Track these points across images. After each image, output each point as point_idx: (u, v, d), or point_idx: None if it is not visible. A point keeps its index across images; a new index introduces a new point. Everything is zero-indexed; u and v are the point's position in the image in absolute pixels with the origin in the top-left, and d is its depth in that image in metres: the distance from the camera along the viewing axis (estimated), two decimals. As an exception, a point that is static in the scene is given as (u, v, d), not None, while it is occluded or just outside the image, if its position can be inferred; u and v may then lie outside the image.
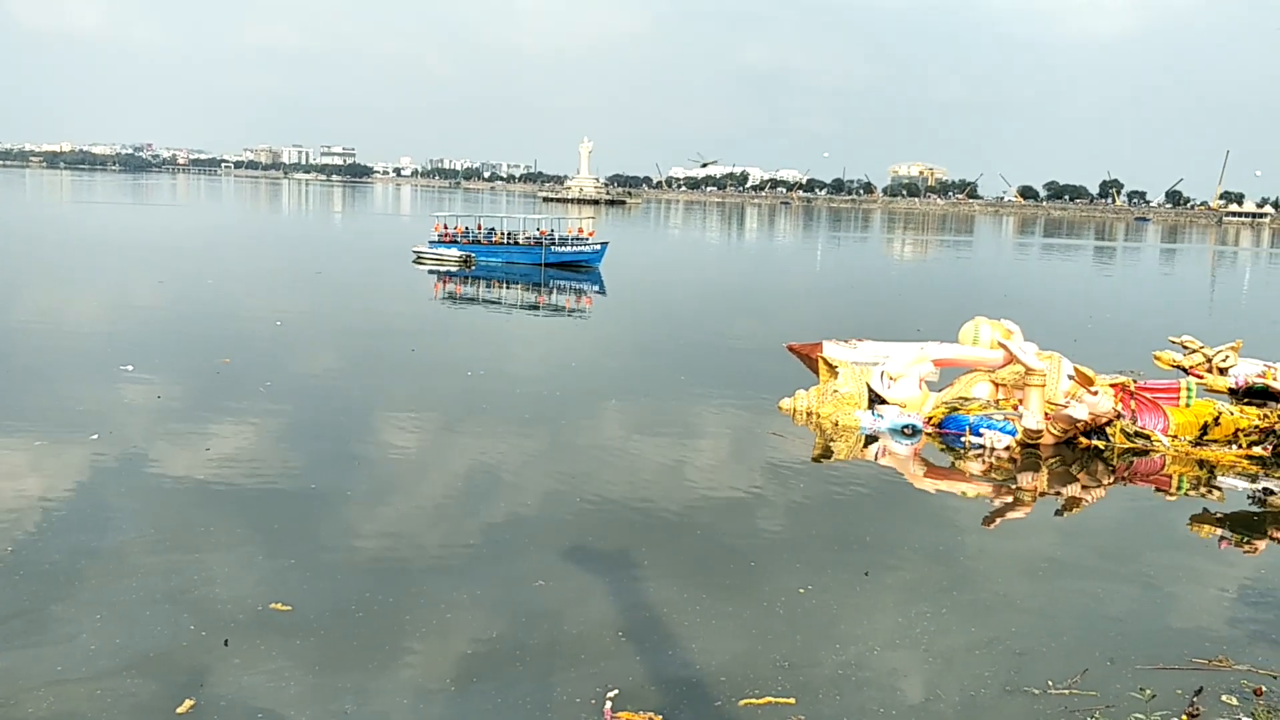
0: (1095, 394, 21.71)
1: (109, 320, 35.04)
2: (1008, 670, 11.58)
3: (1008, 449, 21.32)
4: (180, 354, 28.45)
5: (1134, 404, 22.49)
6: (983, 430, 21.68)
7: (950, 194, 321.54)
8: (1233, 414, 22.00)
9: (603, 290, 52.19)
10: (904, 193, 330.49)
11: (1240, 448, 21.62)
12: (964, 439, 21.83)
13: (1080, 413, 21.31)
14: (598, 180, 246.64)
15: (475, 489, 17.66)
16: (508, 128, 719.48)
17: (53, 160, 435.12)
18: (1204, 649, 12.28)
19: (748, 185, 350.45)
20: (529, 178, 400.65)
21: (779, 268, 76.52)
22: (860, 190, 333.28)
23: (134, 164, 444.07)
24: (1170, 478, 20.60)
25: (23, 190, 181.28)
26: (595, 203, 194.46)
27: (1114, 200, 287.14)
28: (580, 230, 64.28)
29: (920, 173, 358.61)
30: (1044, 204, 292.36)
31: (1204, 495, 19.66)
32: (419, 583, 13.38)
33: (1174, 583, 14.77)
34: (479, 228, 64.03)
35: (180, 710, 10.08)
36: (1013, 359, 22.60)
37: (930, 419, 22.67)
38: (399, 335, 33.47)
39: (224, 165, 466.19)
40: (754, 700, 10.60)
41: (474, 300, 47.91)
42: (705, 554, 14.97)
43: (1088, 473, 20.59)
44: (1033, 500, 19.29)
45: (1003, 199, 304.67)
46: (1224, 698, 11.01)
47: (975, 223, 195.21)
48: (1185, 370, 22.85)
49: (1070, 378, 22.52)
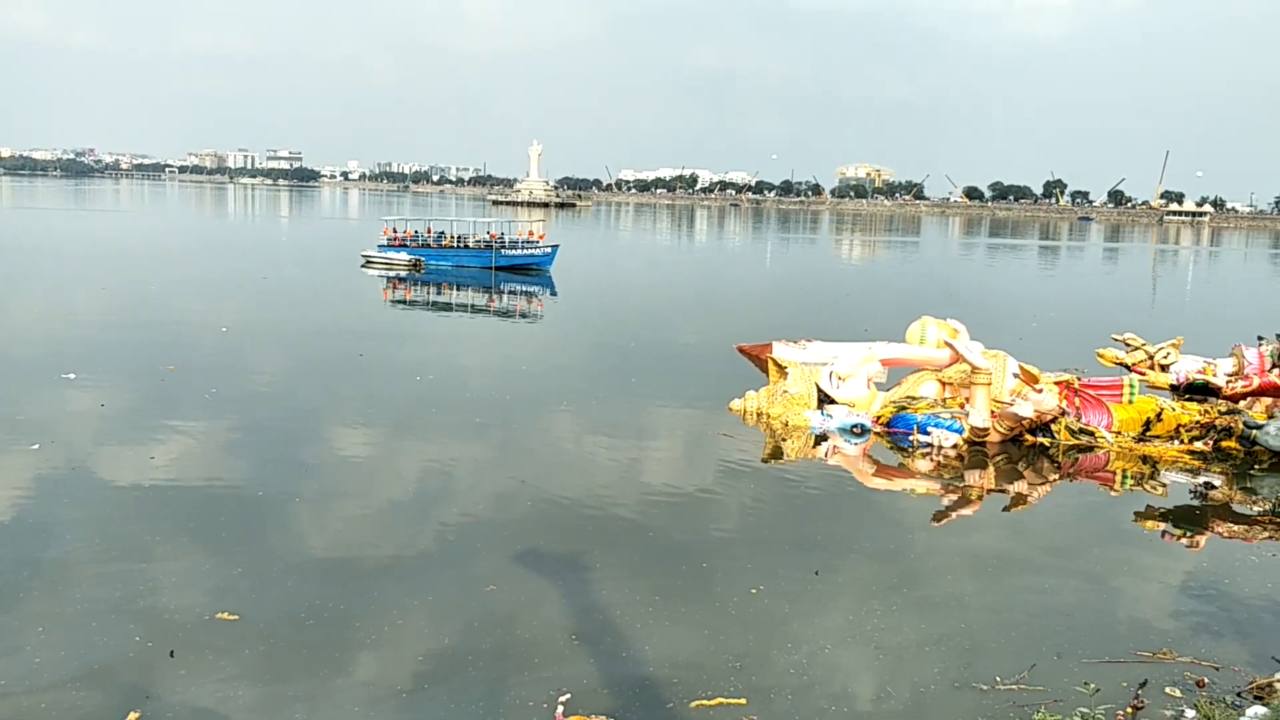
0: (1040, 392, 22.00)
1: (50, 327, 34.42)
2: (957, 666, 11.71)
3: (955, 447, 21.56)
4: (124, 361, 28.04)
5: (1078, 401, 22.83)
6: (930, 429, 21.91)
7: (897, 195, 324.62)
8: (1174, 410, 22.40)
9: (554, 293, 52.12)
10: (852, 194, 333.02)
11: (1182, 443, 22.01)
12: (912, 438, 22.04)
13: (1026, 410, 21.60)
14: (547, 183, 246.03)
15: (425, 494, 17.56)
16: (456, 131, 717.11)
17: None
18: (1148, 642, 12.49)
19: (697, 187, 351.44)
20: (478, 181, 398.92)
21: (729, 269, 76.82)
22: (809, 192, 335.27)
23: (76, 169, 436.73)
24: (1114, 474, 20.94)
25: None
26: (545, 205, 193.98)
27: (1058, 200, 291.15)
28: (531, 233, 64.10)
29: (867, 174, 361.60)
30: (989, 204, 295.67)
31: (1147, 490, 20.00)
32: (369, 589, 13.28)
33: (1119, 577, 15.01)
34: (429, 231, 63.64)
35: (126, 723, 9.94)
36: (959, 358, 22.86)
37: (879, 418, 22.87)
38: (347, 340, 33.20)
39: (168, 170, 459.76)
40: (705, 702, 10.63)
41: (424, 304, 47.63)
42: (657, 556, 15.00)
43: (1034, 470, 20.87)
44: (980, 498, 19.52)
45: (948, 200, 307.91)
46: (1168, 690, 11.21)
47: (922, 223, 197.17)
48: (1128, 367, 23.22)
49: (1015, 376, 22.79)
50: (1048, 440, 21.97)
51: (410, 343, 34.41)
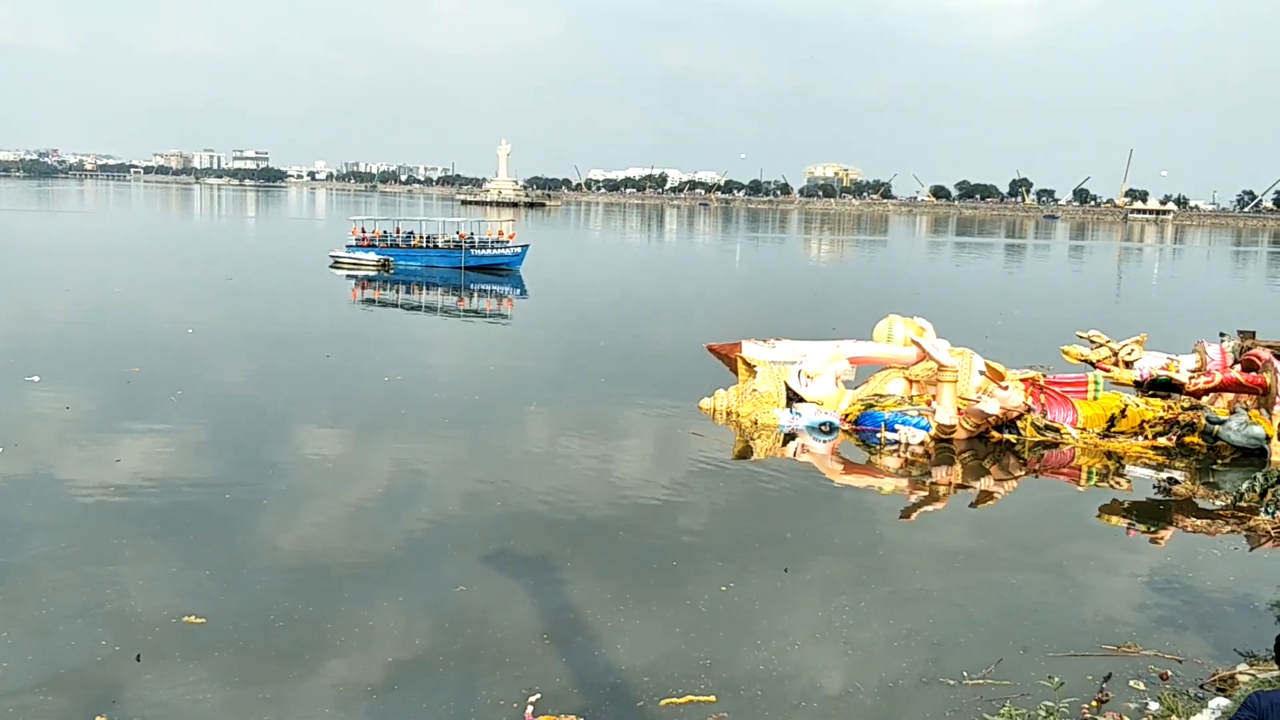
0: (1006, 389, 22.20)
1: (13, 330, 34.03)
2: (925, 661, 11.81)
3: (922, 444, 21.72)
4: (89, 364, 27.78)
5: (1044, 398, 23.05)
6: (898, 426, 22.06)
7: (865, 194, 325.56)
8: (1138, 406, 22.66)
9: (524, 293, 52.05)
10: (820, 193, 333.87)
11: (1146, 439, 22.27)
12: (879, 435, 22.18)
13: (992, 407, 21.79)
14: (516, 182, 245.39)
15: (394, 495, 17.51)
16: (424, 130, 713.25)
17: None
18: (1114, 635, 12.65)
19: (667, 187, 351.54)
20: (446, 180, 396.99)
21: (698, 269, 76.93)
22: (777, 191, 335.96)
23: (39, 170, 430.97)
24: (1080, 469, 21.17)
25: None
26: (514, 205, 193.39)
27: (1023, 199, 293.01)
28: (500, 233, 63.95)
29: (835, 174, 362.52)
30: (956, 203, 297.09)
31: (1112, 485, 20.23)
32: (339, 591, 13.25)
33: (1084, 571, 15.18)
34: (397, 231, 63.40)
35: (93, 727, 9.88)
36: (926, 356, 23.03)
37: (847, 416, 23.00)
38: (315, 342, 33.03)
39: (133, 170, 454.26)
40: (675, 700, 10.67)
41: (393, 305, 47.45)
42: (628, 555, 15.03)
43: (1000, 466, 21.06)
44: (947, 494, 19.68)
45: (916, 199, 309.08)
46: (1132, 683, 11.34)
47: (889, 222, 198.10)
48: (1093, 364, 23.48)
49: (981, 373, 22.99)
50: (1014, 437, 22.18)
51: (379, 343, 34.28)
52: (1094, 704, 10.78)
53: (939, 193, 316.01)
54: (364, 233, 62.22)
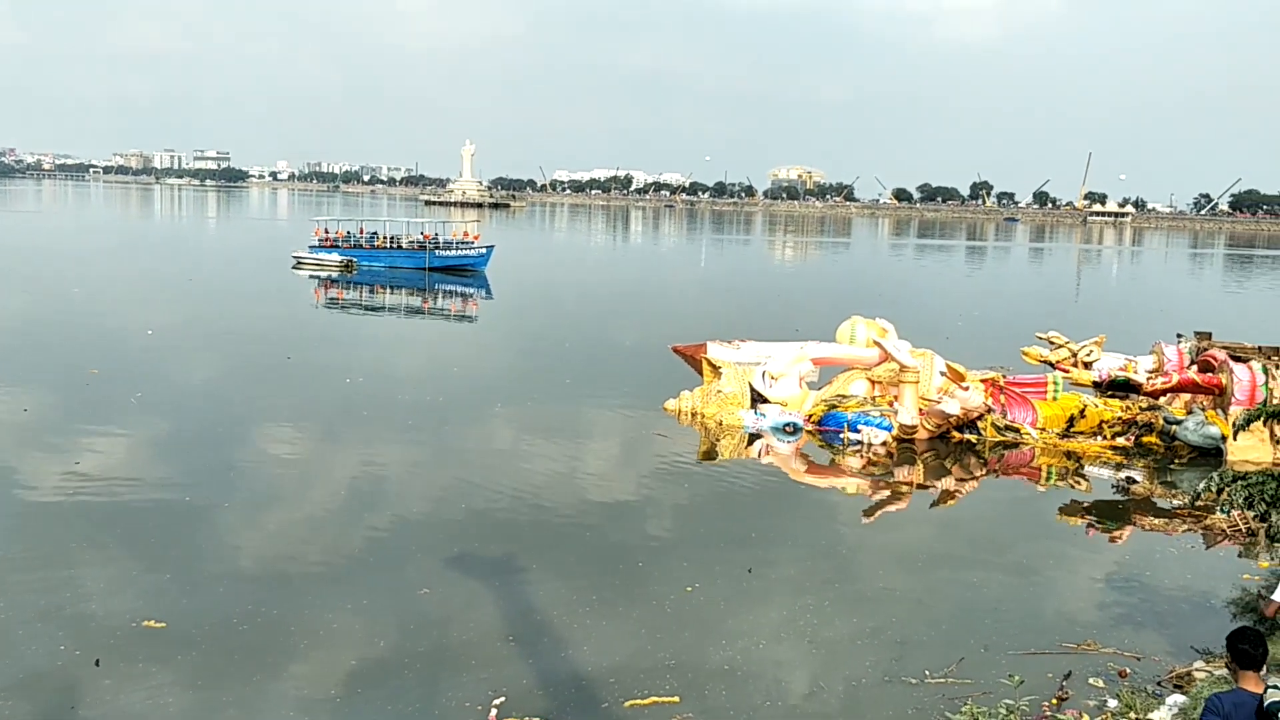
0: (967, 389, 22.40)
1: (-32, 331, 33.53)
2: (888, 660, 11.90)
3: (884, 444, 21.86)
4: (46, 365, 27.42)
5: (1004, 398, 23.27)
6: (860, 427, 22.19)
7: (828, 196, 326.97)
8: (1097, 406, 22.93)
9: (489, 294, 51.92)
10: (784, 195, 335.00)
11: (1105, 439, 22.54)
12: (843, 436, 22.31)
13: (953, 408, 21.98)
14: (481, 183, 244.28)
15: (357, 497, 17.43)
16: (387, 131, 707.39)
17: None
18: (1074, 633, 12.79)
19: (632, 188, 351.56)
20: (410, 181, 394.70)
21: (663, 270, 77.07)
22: (742, 193, 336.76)
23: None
24: (1040, 469, 21.39)
25: None
26: (479, 206, 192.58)
27: (984, 201, 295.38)
28: (465, 234, 63.73)
29: (799, 176, 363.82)
30: (918, 206, 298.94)
31: (1072, 485, 20.46)
32: (302, 594, 13.17)
33: (1045, 570, 15.35)
34: (361, 232, 63.02)
35: (52, 734, 9.77)
36: (888, 357, 23.20)
37: (810, 417, 23.12)
38: (276, 343, 32.80)
39: (93, 170, 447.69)
40: (639, 701, 10.68)
41: (356, 306, 47.21)
42: (593, 556, 15.04)
43: (961, 466, 21.25)
44: (909, 494, 19.82)
45: (878, 201, 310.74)
46: (1091, 680, 11.48)
47: (852, 224, 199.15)
48: (1052, 365, 23.73)
49: (943, 374, 23.19)
50: (975, 437, 22.38)
51: (342, 345, 34.11)
52: (1054, 701, 10.90)
53: (901, 195, 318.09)
54: (327, 233, 61.82)
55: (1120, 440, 22.47)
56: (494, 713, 10.31)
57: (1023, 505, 19.35)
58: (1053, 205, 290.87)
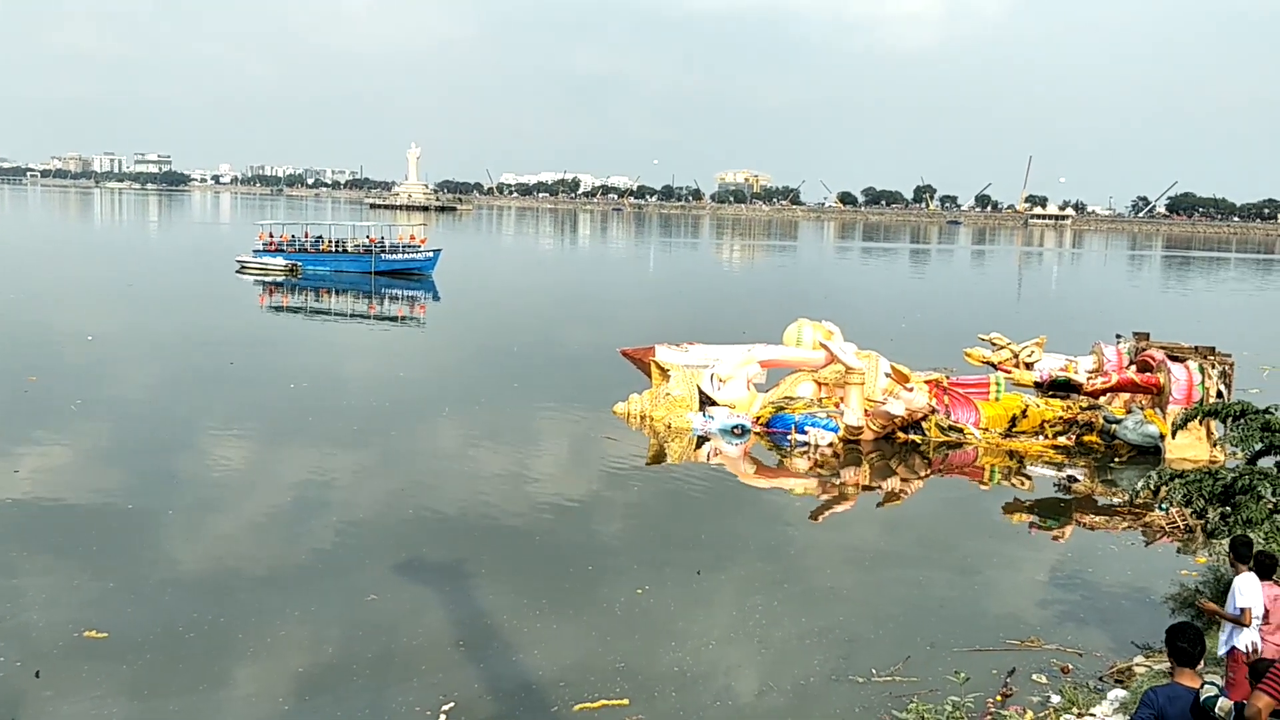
0: (911, 390, 22.65)
1: (-100, 338, 32.75)
2: (836, 659, 12.01)
3: (831, 445, 22.03)
4: (-18, 372, 26.84)
5: (947, 399, 23.55)
6: (807, 428, 22.35)
7: (775, 200, 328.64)
8: (1039, 406, 23.28)
9: (436, 298, 51.64)
10: (731, 199, 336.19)
11: (1047, 438, 22.89)
12: (790, 437, 22.46)
13: (897, 409, 22.22)
14: (427, 186, 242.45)
15: (303, 504, 17.26)
16: (332, 133, 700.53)
17: None
18: (1017, 630, 12.99)
19: (580, 191, 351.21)
20: (355, 184, 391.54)
21: (612, 273, 77.09)
22: (689, 197, 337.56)
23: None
24: (983, 469, 21.69)
25: None
26: (425, 209, 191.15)
27: (928, 205, 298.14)
28: (412, 237, 63.29)
29: (746, 179, 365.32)
30: (862, 209, 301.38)
31: (1014, 484, 20.76)
32: (248, 601, 13.02)
33: (989, 568, 15.57)
34: (306, 236, 62.40)
35: (-10, 747, 9.59)
36: (834, 359, 23.39)
37: (758, 419, 23.25)
38: (219, 348, 32.35)
39: (30, 174, 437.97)
40: (589, 704, 10.69)
41: (302, 310, 46.73)
42: (543, 560, 15.01)
43: (906, 466, 21.48)
44: (856, 494, 20.01)
45: (824, 205, 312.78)
46: (1034, 677, 11.67)
47: (799, 228, 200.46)
48: (994, 366, 24.05)
49: (887, 375, 23.41)
50: (919, 437, 22.63)
51: (286, 350, 33.76)
52: (998, 698, 11.06)
53: (846, 199, 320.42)
54: (272, 237, 61.10)
55: (1061, 439, 22.83)
56: (443, 718, 10.27)
57: (967, 504, 19.60)
58: (994, 208, 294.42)
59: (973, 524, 18.18)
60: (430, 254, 59.79)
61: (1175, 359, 22.82)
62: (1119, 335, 25.29)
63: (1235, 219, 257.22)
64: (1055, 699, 10.94)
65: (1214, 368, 22.36)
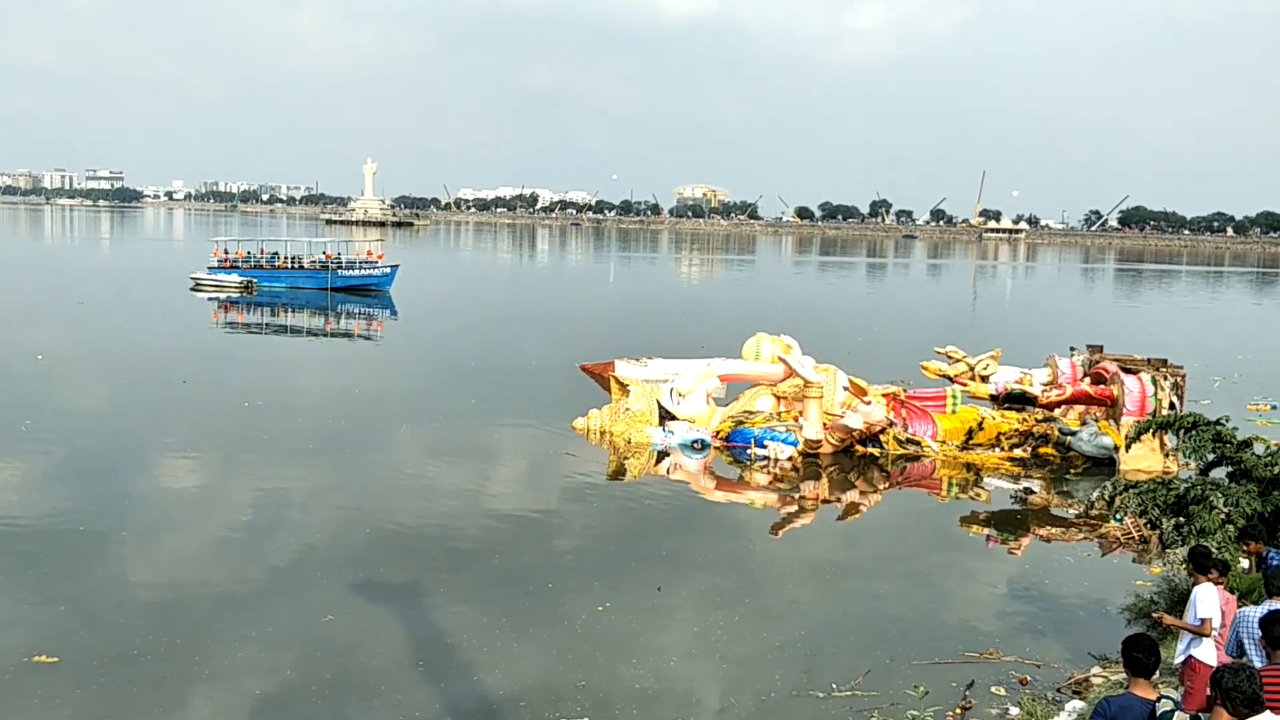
0: (869, 404, 22.78)
1: None
2: (797, 674, 12.01)
3: (790, 459, 22.11)
4: (-72, 393, 26.34)
5: (905, 412, 23.70)
6: (767, 442, 22.42)
7: (732, 215, 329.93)
8: (995, 419, 23.49)
9: (394, 314, 51.35)
10: (689, 214, 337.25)
11: (1003, 450, 23.09)
12: (750, 451, 22.51)
13: (855, 422, 22.34)
14: (383, 202, 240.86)
15: (258, 524, 17.05)
16: (287, 149, 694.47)
17: None
18: (976, 642, 13.06)
19: (538, 207, 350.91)
20: (310, 200, 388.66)
21: (571, 288, 77.00)
22: (648, 212, 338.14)
23: None
24: (941, 481, 21.84)
25: None
26: (382, 225, 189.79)
27: (884, 219, 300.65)
28: (369, 253, 62.92)
29: (704, 194, 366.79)
30: (819, 224, 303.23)
31: (972, 497, 20.92)
32: (203, 623, 12.83)
33: (947, 581, 15.65)
34: (261, 252, 61.83)
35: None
36: (792, 373, 23.49)
37: (718, 433, 23.28)
38: (172, 367, 31.93)
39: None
40: (550, 723, 10.62)
41: (257, 328, 46.29)
42: (503, 578, 14.92)
43: (865, 479, 21.58)
44: (815, 507, 20.08)
45: (781, 219, 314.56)
46: (994, 689, 11.73)
47: (756, 242, 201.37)
48: (950, 379, 24.25)
49: (845, 389, 23.53)
50: (877, 450, 22.75)
51: (241, 368, 33.37)
52: (958, 711, 11.11)
53: (803, 213, 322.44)
54: (227, 254, 60.46)
55: (1018, 451, 23.04)
56: (403, 739, 10.16)
57: (925, 517, 19.71)
58: (949, 223, 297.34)
59: (931, 536, 18.29)
60: (387, 270, 59.47)
61: (1128, 371, 23.11)
62: (1073, 348, 25.59)
63: (1186, 232, 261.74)
64: (1014, 711, 11.01)
65: (1166, 379, 22.64)
